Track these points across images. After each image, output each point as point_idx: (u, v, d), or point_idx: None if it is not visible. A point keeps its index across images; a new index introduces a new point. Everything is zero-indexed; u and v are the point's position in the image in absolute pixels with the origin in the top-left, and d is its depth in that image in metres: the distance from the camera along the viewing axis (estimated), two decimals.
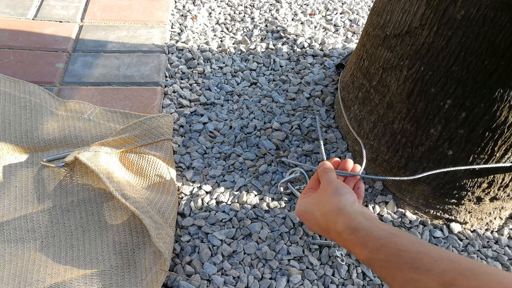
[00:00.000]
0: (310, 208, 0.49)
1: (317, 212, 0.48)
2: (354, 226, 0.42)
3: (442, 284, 0.33)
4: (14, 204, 0.65)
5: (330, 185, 0.49)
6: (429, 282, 0.34)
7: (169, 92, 0.86)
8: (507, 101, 0.52)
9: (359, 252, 0.41)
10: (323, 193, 0.49)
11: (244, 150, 0.76)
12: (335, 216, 0.44)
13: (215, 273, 0.60)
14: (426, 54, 0.55)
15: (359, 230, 0.41)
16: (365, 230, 0.41)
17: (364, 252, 0.40)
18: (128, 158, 0.70)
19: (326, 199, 0.47)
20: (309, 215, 0.49)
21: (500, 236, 0.67)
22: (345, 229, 0.42)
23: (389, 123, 0.65)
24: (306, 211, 0.50)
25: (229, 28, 1.04)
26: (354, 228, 0.42)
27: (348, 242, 0.42)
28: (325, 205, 0.47)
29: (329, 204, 0.46)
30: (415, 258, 0.36)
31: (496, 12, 0.46)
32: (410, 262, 0.36)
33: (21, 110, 0.77)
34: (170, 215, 0.63)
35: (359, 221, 0.42)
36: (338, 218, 0.44)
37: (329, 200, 0.47)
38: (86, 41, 0.96)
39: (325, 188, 0.50)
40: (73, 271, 0.58)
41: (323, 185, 0.51)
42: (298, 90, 0.87)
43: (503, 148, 0.58)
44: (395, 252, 0.38)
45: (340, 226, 0.43)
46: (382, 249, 0.39)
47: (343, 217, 0.43)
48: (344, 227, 0.42)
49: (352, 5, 1.15)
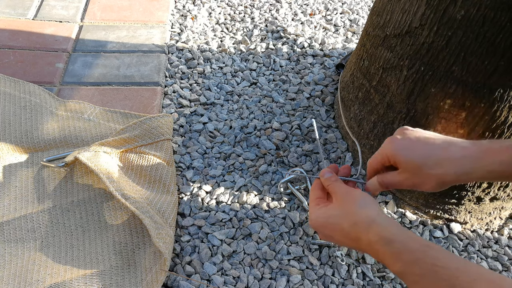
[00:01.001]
0: (335, 220, 0.47)
1: (346, 223, 0.46)
2: (388, 237, 0.41)
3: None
4: (14, 204, 0.65)
5: (351, 195, 0.48)
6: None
7: (169, 92, 0.86)
8: (507, 101, 0.52)
9: (392, 264, 0.40)
10: (347, 204, 0.47)
11: (244, 150, 0.76)
12: (367, 227, 0.43)
13: (215, 273, 0.60)
14: (426, 54, 0.55)
15: (393, 242, 0.40)
16: (400, 242, 0.40)
17: (398, 264, 0.39)
18: (128, 158, 0.70)
19: (354, 209, 0.46)
20: (334, 226, 0.47)
21: (500, 236, 0.67)
22: (379, 239, 0.41)
23: (389, 123, 0.65)
24: (329, 223, 0.48)
25: (229, 28, 1.04)
26: (388, 239, 0.41)
27: (380, 253, 0.41)
28: (354, 216, 0.45)
29: (359, 215, 0.45)
30: (452, 276, 0.35)
31: (496, 12, 0.46)
32: (447, 279, 0.35)
33: (21, 110, 0.77)
34: (170, 215, 0.63)
35: (394, 232, 0.41)
36: (371, 228, 0.42)
37: (357, 211, 0.45)
38: (86, 41, 0.96)
39: (346, 199, 0.48)
40: (73, 271, 0.58)
41: (342, 195, 0.49)
42: (298, 90, 0.87)
43: None
44: (431, 268, 0.37)
45: (373, 237, 0.42)
46: (418, 263, 0.38)
47: (376, 227, 0.42)
48: (377, 238, 0.41)
49: (352, 5, 1.15)
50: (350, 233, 0.45)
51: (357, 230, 0.44)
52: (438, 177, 0.46)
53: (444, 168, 0.45)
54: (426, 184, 0.47)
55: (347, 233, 0.45)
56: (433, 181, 0.46)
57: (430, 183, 0.47)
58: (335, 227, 0.47)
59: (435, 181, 0.46)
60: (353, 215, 0.45)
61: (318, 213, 0.49)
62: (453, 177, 0.45)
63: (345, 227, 0.46)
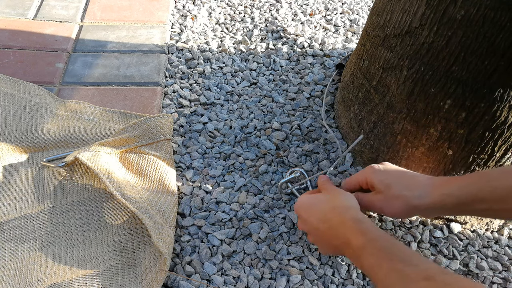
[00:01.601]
0: (318, 204, 0.54)
1: (326, 206, 0.52)
2: (360, 218, 0.48)
3: (424, 277, 0.37)
4: (14, 204, 0.65)
5: (339, 190, 0.55)
6: (413, 273, 0.38)
7: (169, 92, 0.86)
8: (507, 101, 0.52)
9: (355, 238, 0.45)
10: (333, 194, 0.54)
11: (244, 150, 0.76)
12: (344, 211, 0.50)
13: (215, 273, 0.60)
14: (426, 54, 0.55)
15: (363, 222, 0.47)
16: (369, 223, 0.47)
17: (362, 239, 0.45)
18: (128, 158, 0.70)
19: (337, 198, 0.53)
20: (314, 208, 0.53)
21: (500, 236, 0.67)
22: (351, 218, 0.48)
23: (389, 123, 0.65)
24: (311, 206, 0.54)
25: (229, 28, 1.04)
26: (359, 220, 0.47)
27: (348, 230, 0.47)
28: (335, 202, 0.52)
29: (340, 202, 0.52)
30: (405, 254, 0.41)
31: (496, 12, 0.46)
32: (401, 256, 0.41)
33: (21, 110, 0.77)
34: (170, 215, 0.63)
35: (366, 218, 0.48)
36: (347, 212, 0.49)
37: (340, 199, 0.52)
38: (86, 41, 0.96)
39: (334, 191, 0.55)
40: (73, 271, 0.58)
41: (331, 189, 0.56)
42: (298, 90, 0.87)
43: (503, 148, 0.58)
44: (390, 246, 0.43)
45: (346, 216, 0.48)
46: (380, 240, 0.44)
47: (353, 212, 0.49)
48: (350, 217, 0.48)
49: (352, 5, 1.15)
50: (326, 215, 0.51)
51: (333, 213, 0.51)
52: (405, 199, 0.52)
53: (411, 192, 0.52)
54: (394, 206, 0.53)
55: (323, 215, 0.52)
56: (400, 203, 0.52)
57: (397, 204, 0.52)
58: (315, 210, 0.53)
59: (402, 202, 0.52)
60: (335, 201, 0.52)
61: (305, 198, 0.56)
62: (417, 201, 0.51)
63: (324, 209, 0.52)
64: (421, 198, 0.51)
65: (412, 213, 0.53)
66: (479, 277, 0.62)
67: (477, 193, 0.47)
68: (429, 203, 0.50)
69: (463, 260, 0.64)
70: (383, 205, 0.53)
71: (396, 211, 0.53)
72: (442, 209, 0.50)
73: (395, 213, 0.53)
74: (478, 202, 0.47)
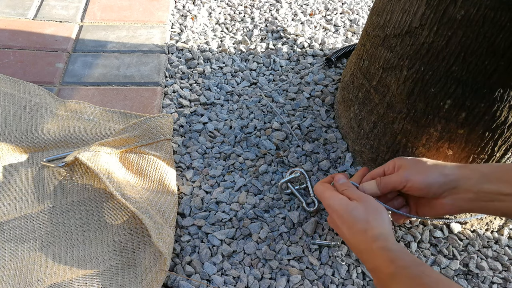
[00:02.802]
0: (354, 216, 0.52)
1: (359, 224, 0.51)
2: (389, 247, 0.47)
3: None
4: (14, 204, 0.65)
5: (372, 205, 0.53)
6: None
7: (169, 92, 0.86)
8: (507, 101, 0.52)
9: (386, 266, 0.45)
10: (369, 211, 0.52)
11: (244, 150, 0.76)
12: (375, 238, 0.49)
13: (215, 273, 0.60)
14: (426, 54, 0.55)
15: (392, 250, 0.47)
16: (398, 251, 0.47)
17: (391, 267, 0.45)
18: (128, 158, 0.70)
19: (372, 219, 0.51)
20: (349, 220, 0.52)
21: (500, 236, 0.67)
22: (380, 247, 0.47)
23: (389, 123, 0.65)
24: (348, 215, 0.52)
25: (229, 28, 1.04)
26: (388, 249, 0.47)
27: (377, 257, 0.47)
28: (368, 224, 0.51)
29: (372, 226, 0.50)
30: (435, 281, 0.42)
31: (496, 12, 0.46)
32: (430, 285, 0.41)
33: (21, 110, 0.77)
34: (170, 215, 0.63)
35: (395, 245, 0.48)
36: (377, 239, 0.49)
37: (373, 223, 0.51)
38: (86, 41, 0.96)
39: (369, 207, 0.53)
40: (73, 271, 0.58)
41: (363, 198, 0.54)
42: (298, 90, 0.87)
43: (503, 148, 0.58)
44: (419, 274, 0.43)
45: (376, 244, 0.48)
46: (409, 268, 0.44)
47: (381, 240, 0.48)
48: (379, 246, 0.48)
49: (352, 5, 1.15)
50: (356, 235, 0.51)
51: (364, 236, 0.50)
52: (438, 167, 0.53)
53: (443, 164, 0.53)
54: (424, 172, 0.53)
55: (354, 234, 0.51)
56: (433, 171, 0.52)
57: (429, 171, 0.53)
58: (350, 221, 0.52)
59: (436, 170, 0.52)
60: (368, 221, 0.51)
61: (343, 201, 0.54)
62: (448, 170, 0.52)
63: (356, 227, 0.51)
64: (452, 169, 0.52)
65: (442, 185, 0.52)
66: (479, 277, 0.62)
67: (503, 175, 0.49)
68: (458, 173, 0.51)
69: (463, 260, 0.64)
70: (411, 173, 0.53)
71: (425, 176, 0.52)
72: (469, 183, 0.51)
73: (423, 179, 0.52)
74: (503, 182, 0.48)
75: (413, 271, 0.43)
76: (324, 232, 0.65)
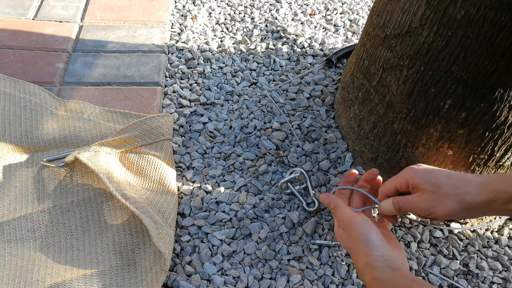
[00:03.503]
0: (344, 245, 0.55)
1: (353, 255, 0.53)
2: (380, 278, 0.47)
3: None
4: (14, 204, 0.65)
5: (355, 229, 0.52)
6: None
7: (169, 92, 0.86)
8: (507, 101, 0.52)
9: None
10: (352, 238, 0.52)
11: (244, 150, 0.76)
12: (363, 267, 0.49)
13: (215, 273, 0.60)
14: (426, 54, 0.55)
15: (384, 280, 0.46)
16: (390, 280, 0.46)
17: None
18: (128, 158, 0.70)
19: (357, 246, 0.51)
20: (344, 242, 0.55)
21: (500, 236, 0.67)
22: (372, 279, 0.47)
23: (389, 123, 0.65)
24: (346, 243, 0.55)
25: (229, 28, 1.04)
26: (379, 279, 0.47)
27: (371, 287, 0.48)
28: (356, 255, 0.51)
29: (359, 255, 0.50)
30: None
31: (496, 12, 0.46)
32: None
33: (21, 110, 0.77)
34: (170, 215, 0.63)
35: (385, 272, 0.47)
36: (365, 270, 0.49)
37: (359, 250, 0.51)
38: (86, 41, 0.96)
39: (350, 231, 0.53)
40: (73, 271, 0.58)
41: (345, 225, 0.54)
42: (298, 90, 0.87)
43: (503, 148, 0.58)
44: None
45: (367, 277, 0.48)
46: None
47: (370, 270, 0.48)
48: (370, 278, 0.48)
49: (352, 5, 1.15)
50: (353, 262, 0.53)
51: (357, 266, 0.51)
52: (458, 197, 0.49)
53: (464, 189, 0.49)
54: (446, 205, 0.50)
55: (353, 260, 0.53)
56: (452, 201, 0.49)
57: (449, 203, 0.49)
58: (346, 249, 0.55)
59: (455, 200, 0.49)
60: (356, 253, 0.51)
61: (335, 230, 0.57)
62: (470, 197, 0.49)
63: (352, 257, 0.53)
64: (474, 195, 0.48)
65: (464, 211, 0.50)
66: (479, 277, 0.62)
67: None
68: (481, 199, 0.48)
69: (463, 260, 0.64)
70: (432, 205, 0.51)
71: (447, 209, 0.50)
72: (493, 205, 0.48)
73: (446, 212, 0.50)
74: None
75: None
76: (324, 232, 0.65)
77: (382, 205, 0.56)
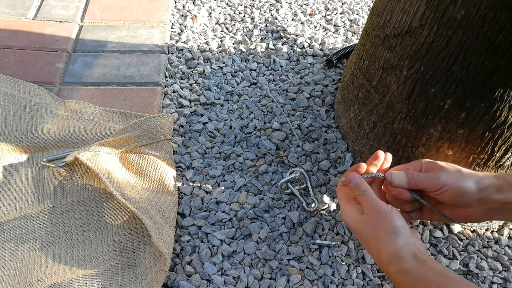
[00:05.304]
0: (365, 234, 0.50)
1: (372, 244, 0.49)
2: (407, 269, 0.44)
3: None
4: (14, 204, 0.65)
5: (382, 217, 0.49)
6: None
7: (169, 92, 0.86)
8: (507, 101, 0.52)
9: None
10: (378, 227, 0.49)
11: (244, 150, 0.76)
12: (389, 256, 0.46)
13: (215, 273, 0.60)
14: (426, 54, 0.55)
15: (412, 273, 0.44)
16: (418, 273, 0.44)
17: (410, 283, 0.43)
18: (128, 158, 0.70)
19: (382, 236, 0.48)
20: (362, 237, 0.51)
21: (500, 236, 0.67)
22: (399, 270, 0.45)
23: (389, 123, 0.65)
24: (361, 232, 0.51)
25: (229, 28, 1.04)
26: (407, 270, 0.44)
27: (396, 281, 0.45)
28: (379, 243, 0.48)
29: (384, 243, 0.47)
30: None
31: (496, 12, 0.46)
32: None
33: (21, 110, 0.77)
34: (170, 215, 0.63)
35: (413, 265, 0.44)
36: (392, 259, 0.46)
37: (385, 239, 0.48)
38: (86, 41, 0.96)
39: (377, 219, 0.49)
40: (73, 271, 0.58)
41: (372, 212, 0.50)
42: (298, 90, 0.87)
43: (503, 148, 0.58)
44: None
45: (393, 267, 0.45)
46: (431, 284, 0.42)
47: (397, 261, 0.45)
48: (397, 269, 0.45)
49: (352, 5, 1.15)
50: (373, 252, 0.50)
51: (379, 257, 0.48)
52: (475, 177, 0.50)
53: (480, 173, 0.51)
54: (462, 180, 0.50)
55: (371, 250, 0.50)
56: (470, 180, 0.50)
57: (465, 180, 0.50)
58: (363, 240, 0.51)
59: (473, 179, 0.50)
60: (379, 241, 0.48)
61: (354, 216, 0.52)
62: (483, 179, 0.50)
63: (371, 246, 0.49)
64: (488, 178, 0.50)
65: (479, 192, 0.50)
66: (479, 277, 0.62)
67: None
68: (492, 184, 0.49)
69: (463, 260, 0.64)
70: (448, 180, 0.50)
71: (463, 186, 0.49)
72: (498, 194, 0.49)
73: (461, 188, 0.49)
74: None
75: None
76: (324, 232, 0.65)
77: (394, 174, 0.54)
